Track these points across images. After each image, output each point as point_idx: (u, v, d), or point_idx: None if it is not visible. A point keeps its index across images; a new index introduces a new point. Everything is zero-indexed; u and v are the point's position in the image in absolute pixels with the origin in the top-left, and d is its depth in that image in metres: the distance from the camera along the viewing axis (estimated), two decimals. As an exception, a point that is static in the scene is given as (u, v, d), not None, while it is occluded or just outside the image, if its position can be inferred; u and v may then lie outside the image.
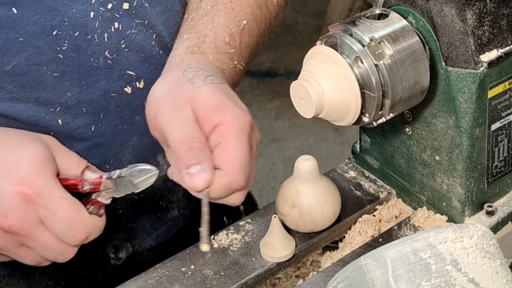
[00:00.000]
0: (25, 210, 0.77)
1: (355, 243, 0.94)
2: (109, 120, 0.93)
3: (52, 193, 0.78)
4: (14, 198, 0.77)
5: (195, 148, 0.77)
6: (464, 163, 0.87)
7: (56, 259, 0.82)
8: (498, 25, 0.83)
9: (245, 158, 0.79)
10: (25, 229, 0.78)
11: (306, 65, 0.84)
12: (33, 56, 0.87)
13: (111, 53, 0.90)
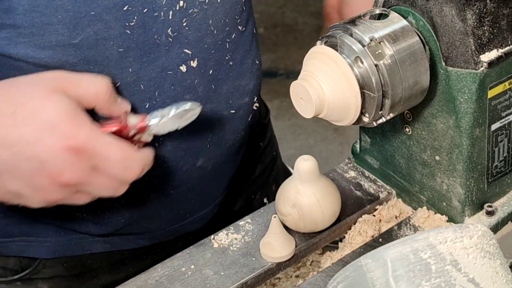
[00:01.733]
0: (77, 163, 0.78)
1: (355, 243, 0.94)
2: (163, 98, 0.93)
3: (97, 141, 0.80)
4: (63, 156, 0.78)
5: None
6: (464, 163, 0.87)
7: (112, 195, 0.84)
8: (498, 25, 0.83)
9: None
10: (82, 180, 0.80)
11: (306, 65, 0.84)
12: (102, 30, 0.87)
13: (173, 31, 0.91)
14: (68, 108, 0.80)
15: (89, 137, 0.79)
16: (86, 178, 0.80)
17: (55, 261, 1.04)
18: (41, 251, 1.03)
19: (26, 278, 1.04)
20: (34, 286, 1.05)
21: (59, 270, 1.05)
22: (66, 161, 0.78)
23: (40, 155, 0.78)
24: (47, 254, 1.03)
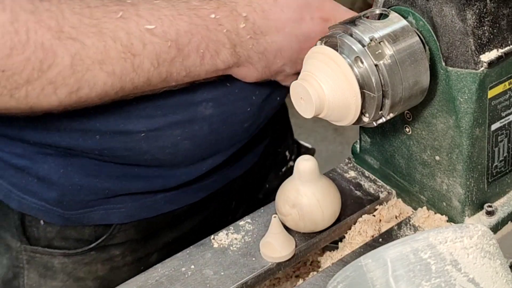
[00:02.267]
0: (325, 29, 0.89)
1: (355, 243, 0.94)
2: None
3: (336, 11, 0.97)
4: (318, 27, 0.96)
5: None
6: (464, 163, 0.87)
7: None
8: (498, 25, 0.83)
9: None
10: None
11: (306, 65, 0.84)
12: None
13: None
14: None
15: (331, 9, 0.96)
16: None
17: (128, 226, 1.11)
18: (118, 217, 1.11)
19: (100, 246, 1.12)
20: (107, 253, 1.13)
21: (130, 234, 1.12)
22: (320, 30, 0.94)
23: (305, 30, 0.95)
24: (124, 219, 1.11)
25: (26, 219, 1.12)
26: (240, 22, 0.91)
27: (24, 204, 1.09)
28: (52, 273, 1.13)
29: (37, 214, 1.10)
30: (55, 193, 1.07)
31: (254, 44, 0.93)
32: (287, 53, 0.95)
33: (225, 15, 0.91)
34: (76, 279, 1.13)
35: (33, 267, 1.13)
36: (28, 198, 1.09)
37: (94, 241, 1.12)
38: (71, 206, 1.08)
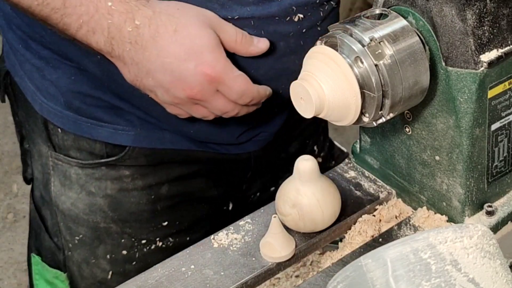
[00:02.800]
0: (206, 86, 0.96)
1: (355, 243, 0.94)
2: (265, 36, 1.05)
3: (228, 73, 0.98)
4: (199, 78, 0.97)
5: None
6: (464, 163, 0.87)
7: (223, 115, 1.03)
8: (498, 25, 0.83)
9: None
10: (205, 98, 0.99)
11: (306, 65, 0.84)
12: None
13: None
14: (215, 42, 0.98)
15: (222, 70, 0.97)
16: (209, 97, 0.99)
17: (139, 152, 1.18)
18: (126, 139, 1.18)
19: (111, 164, 1.19)
20: (117, 171, 1.20)
21: (141, 160, 1.19)
22: (200, 82, 0.97)
23: (184, 72, 0.97)
24: (131, 143, 1.18)
25: (49, 125, 1.20)
26: (129, 26, 0.96)
27: (44, 108, 1.19)
28: (70, 183, 1.21)
29: (54, 119, 1.19)
30: (66, 97, 1.16)
31: (132, 50, 0.97)
32: (158, 78, 0.98)
33: (120, 10, 0.96)
34: (88, 193, 1.20)
35: (57, 174, 1.22)
36: (47, 102, 1.18)
37: (105, 157, 1.19)
38: (80, 112, 1.16)
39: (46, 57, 1.14)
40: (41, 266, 1.29)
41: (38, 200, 1.28)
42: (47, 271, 1.28)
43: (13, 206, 2.62)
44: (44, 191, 1.25)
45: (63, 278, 1.26)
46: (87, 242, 1.23)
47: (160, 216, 1.22)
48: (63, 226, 1.24)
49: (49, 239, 1.26)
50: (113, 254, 1.23)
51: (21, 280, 2.36)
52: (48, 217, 1.25)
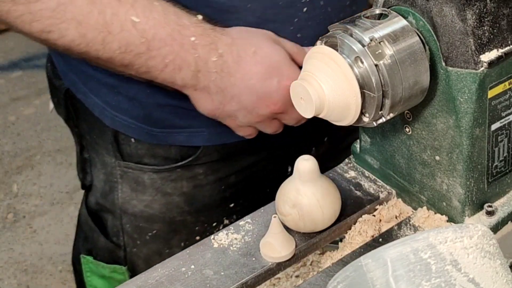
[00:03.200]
0: (288, 98, 0.94)
1: (355, 243, 0.94)
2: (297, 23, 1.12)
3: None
4: (282, 92, 1.02)
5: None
6: (464, 163, 0.87)
7: (296, 124, 1.08)
8: (498, 25, 0.83)
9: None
10: (286, 110, 1.04)
11: (306, 65, 0.84)
12: None
13: None
14: (286, 56, 1.04)
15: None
16: (289, 109, 1.02)
17: (211, 149, 1.23)
18: (201, 140, 1.22)
19: (186, 165, 1.24)
20: (191, 172, 1.25)
21: (213, 156, 1.23)
22: (283, 96, 1.02)
23: (268, 89, 1.02)
24: (205, 142, 1.22)
25: (119, 137, 1.24)
26: (213, 56, 1.01)
27: (116, 121, 1.22)
28: (142, 187, 1.25)
29: (128, 131, 1.22)
30: (143, 111, 1.19)
31: (217, 78, 1.02)
32: (244, 101, 1.03)
33: (203, 43, 1.00)
34: (163, 194, 1.25)
35: (126, 182, 1.26)
36: (120, 116, 1.21)
37: (180, 160, 1.24)
38: (157, 124, 1.20)
39: (117, 75, 1.14)
40: (93, 264, 1.34)
41: (93, 206, 1.33)
42: (103, 268, 1.34)
43: (13, 206, 2.62)
44: (103, 199, 1.29)
45: (123, 270, 1.32)
46: (161, 236, 1.29)
47: (228, 200, 1.29)
48: (130, 227, 1.29)
49: (105, 240, 1.31)
50: (187, 241, 1.28)
51: (21, 280, 2.36)
52: (108, 219, 1.30)
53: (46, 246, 2.46)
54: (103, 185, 1.29)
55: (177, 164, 1.24)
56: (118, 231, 1.30)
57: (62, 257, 2.42)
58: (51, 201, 2.63)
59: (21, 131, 2.94)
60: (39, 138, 2.90)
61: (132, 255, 1.31)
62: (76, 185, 2.67)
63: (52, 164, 2.77)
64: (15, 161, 2.80)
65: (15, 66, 3.28)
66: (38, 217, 2.57)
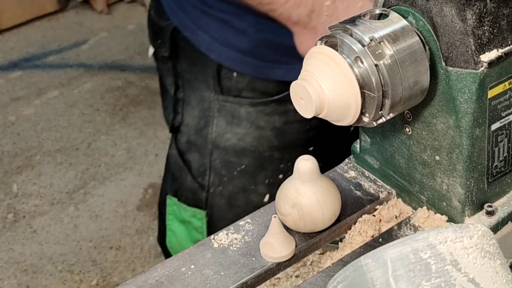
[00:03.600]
0: None
1: (355, 243, 0.94)
2: None
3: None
4: None
5: None
6: (464, 163, 0.87)
7: None
8: (498, 25, 0.83)
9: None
10: None
11: (306, 65, 0.84)
12: None
13: None
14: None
15: None
16: None
17: None
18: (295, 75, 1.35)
19: (281, 99, 1.36)
20: (284, 106, 1.37)
21: None
22: None
23: None
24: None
25: (222, 71, 1.37)
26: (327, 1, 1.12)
27: (222, 55, 1.35)
28: (238, 120, 1.38)
29: (232, 65, 1.36)
30: (249, 45, 1.33)
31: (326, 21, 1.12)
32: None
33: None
34: (257, 127, 1.38)
35: (222, 115, 1.38)
36: (226, 50, 1.35)
37: (275, 94, 1.36)
38: (260, 58, 1.33)
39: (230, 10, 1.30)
40: (177, 206, 1.45)
41: (183, 146, 1.45)
42: (184, 211, 1.44)
43: (13, 206, 2.62)
44: (196, 135, 1.42)
45: (201, 216, 1.42)
46: (249, 171, 1.40)
47: (309, 142, 1.41)
48: (220, 163, 1.40)
49: (192, 180, 1.42)
50: (271, 179, 1.39)
51: (21, 280, 2.36)
52: (196, 159, 1.42)
53: (46, 246, 2.46)
54: (197, 122, 1.41)
55: (273, 98, 1.36)
56: (205, 170, 1.40)
57: (62, 257, 2.42)
58: (51, 201, 2.63)
59: (21, 131, 2.93)
60: (39, 138, 2.90)
61: (215, 196, 1.40)
62: (76, 185, 2.67)
63: (52, 164, 2.77)
64: (15, 161, 2.80)
65: (15, 66, 3.28)
66: (38, 217, 2.57)
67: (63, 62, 3.29)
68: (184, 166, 1.45)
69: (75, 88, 3.13)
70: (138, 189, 2.63)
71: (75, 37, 3.43)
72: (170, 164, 1.50)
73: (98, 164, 2.75)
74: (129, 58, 3.28)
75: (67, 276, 2.36)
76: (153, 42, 1.50)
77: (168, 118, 1.50)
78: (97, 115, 2.97)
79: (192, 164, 1.43)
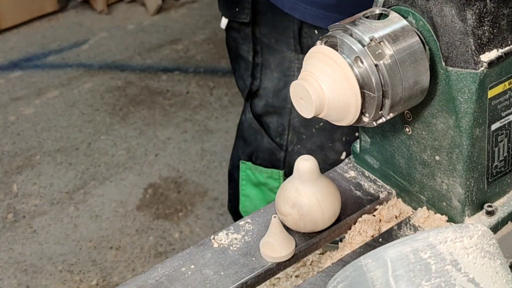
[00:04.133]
0: None
1: (355, 243, 0.94)
2: None
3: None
4: None
5: None
6: (464, 163, 0.87)
7: None
8: (498, 25, 0.83)
9: None
10: None
11: (306, 65, 0.84)
12: None
13: None
14: None
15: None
16: None
17: None
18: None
19: None
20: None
21: None
22: None
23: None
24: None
25: (303, 31, 1.44)
26: None
27: (306, 13, 1.42)
28: None
29: (316, 21, 1.42)
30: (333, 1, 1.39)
31: None
32: None
33: None
34: None
35: None
36: (310, 8, 1.41)
37: None
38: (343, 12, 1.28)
39: None
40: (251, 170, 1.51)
41: (260, 110, 1.51)
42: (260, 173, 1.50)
43: (13, 206, 2.62)
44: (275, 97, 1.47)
45: (279, 175, 1.47)
46: (327, 128, 1.45)
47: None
48: (299, 121, 1.45)
49: (269, 141, 1.49)
50: (348, 136, 1.44)
51: (21, 280, 2.36)
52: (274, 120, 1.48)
53: (46, 246, 2.46)
54: (277, 83, 1.47)
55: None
56: (284, 130, 1.45)
57: (62, 257, 2.42)
58: (51, 201, 2.63)
59: (21, 131, 2.93)
60: (39, 138, 2.90)
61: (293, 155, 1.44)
62: (76, 185, 2.67)
63: (52, 164, 2.77)
64: (15, 161, 2.79)
65: (15, 66, 3.28)
66: (38, 217, 2.57)
67: (63, 62, 3.29)
68: (260, 129, 1.51)
69: (75, 88, 3.13)
70: (138, 189, 2.63)
71: (75, 37, 3.43)
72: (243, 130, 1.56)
73: (98, 164, 2.75)
74: (129, 58, 3.28)
75: (67, 276, 2.36)
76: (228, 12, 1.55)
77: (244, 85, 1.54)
78: (97, 115, 2.97)
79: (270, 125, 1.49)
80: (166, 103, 2.95)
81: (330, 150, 1.49)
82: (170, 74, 3.10)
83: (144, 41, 3.38)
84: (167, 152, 2.75)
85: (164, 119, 2.91)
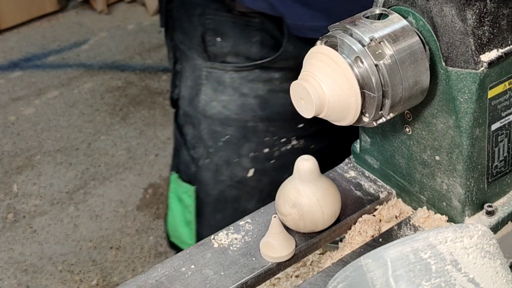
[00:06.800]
0: None
1: (355, 243, 0.94)
2: None
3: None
4: None
5: None
6: (464, 163, 0.87)
7: None
8: (498, 25, 0.83)
9: None
10: None
11: (306, 65, 0.84)
12: None
13: None
14: None
15: None
16: None
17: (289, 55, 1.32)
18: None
19: (265, 66, 1.34)
20: (268, 73, 1.34)
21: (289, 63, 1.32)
22: None
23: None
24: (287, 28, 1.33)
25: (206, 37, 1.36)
26: None
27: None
28: (223, 87, 1.36)
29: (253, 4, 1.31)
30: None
31: None
32: None
33: None
34: (240, 95, 1.35)
35: (210, 82, 1.37)
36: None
37: (258, 59, 1.34)
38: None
39: None
40: (176, 183, 1.44)
41: (181, 119, 1.43)
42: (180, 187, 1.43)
43: (13, 206, 2.62)
44: (190, 105, 1.40)
45: (191, 192, 1.40)
46: (233, 142, 1.38)
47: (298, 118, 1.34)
48: (207, 133, 1.38)
49: (186, 153, 1.41)
50: (256, 152, 1.36)
51: (21, 280, 2.36)
52: (190, 131, 1.41)
53: (46, 246, 2.46)
54: (190, 92, 1.40)
55: (256, 63, 1.34)
56: (196, 142, 1.40)
57: (62, 257, 2.42)
58: (51, 201, 2.63)
59: (21, 131, 2.94)
60: (39, 138, 2.90)
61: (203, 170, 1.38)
62: (76, 185, 2.67)
63: (52, 164, 2.77)
64: (15, 161, 2.80)
65: (15, 66, 3.28)
66: (38, 217, 2.57)
67: (63, 62, 3.29)
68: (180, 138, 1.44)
69: (75, 88, 3.14)
70: (138, 189, 2.63)
71: (75, 37, 3.43)
72: (174, 141, 1.50)
73: (98, 164, 2.75)
74: (129, 58, 3.28)
75: (67, 276, 2.36)
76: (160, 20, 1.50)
77: (170, 92, 1.50)
78: (97, 115, 2.97)
79: (187, 137, 1.43)
80: (166, 103, 2.95)
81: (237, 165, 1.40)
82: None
83: (144, 41, 3.38)
84: (167, 152, 2.75)
85: (164, 119, 2.92)
